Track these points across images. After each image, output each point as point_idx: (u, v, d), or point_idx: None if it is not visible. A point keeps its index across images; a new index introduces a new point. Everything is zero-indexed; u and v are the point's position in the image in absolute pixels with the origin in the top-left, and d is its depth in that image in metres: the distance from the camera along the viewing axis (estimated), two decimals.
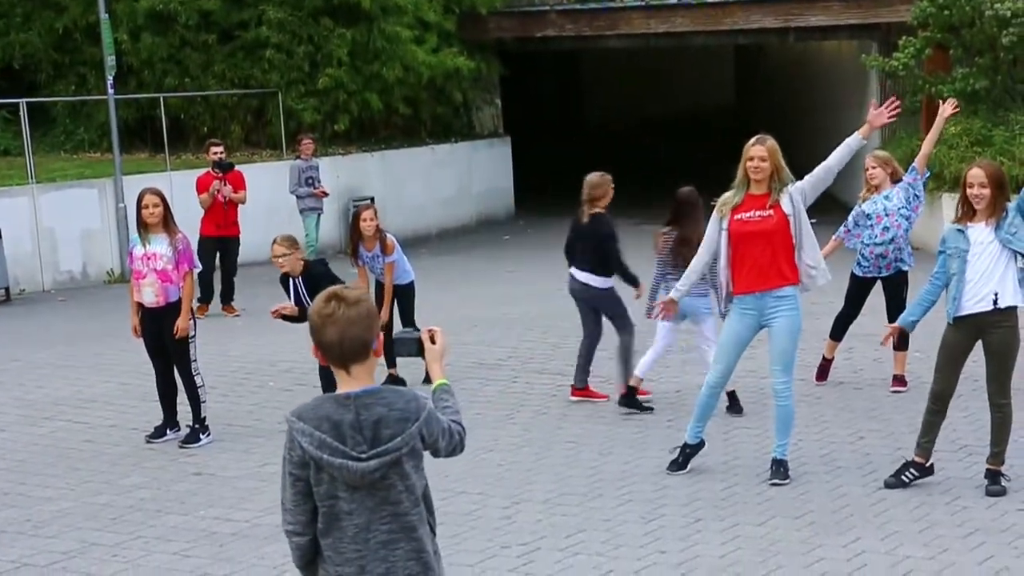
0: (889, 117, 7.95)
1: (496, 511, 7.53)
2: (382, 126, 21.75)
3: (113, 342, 13.08)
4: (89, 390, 11.08)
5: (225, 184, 14.60)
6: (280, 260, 9.31)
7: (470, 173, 22.50)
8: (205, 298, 14.36)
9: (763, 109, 33.93)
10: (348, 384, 3.84)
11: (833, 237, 10.09)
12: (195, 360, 9.27)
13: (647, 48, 25.35)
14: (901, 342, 9.63)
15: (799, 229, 7.62)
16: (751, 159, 7.61)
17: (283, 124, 19.95)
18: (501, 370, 11.19)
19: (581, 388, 10.01)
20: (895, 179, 9.77)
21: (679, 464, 8.08)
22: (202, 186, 14.67)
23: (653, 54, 30.63)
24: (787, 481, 7.78)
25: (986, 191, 7.28)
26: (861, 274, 9.92)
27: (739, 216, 7.65)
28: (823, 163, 7.81)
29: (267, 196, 18.88)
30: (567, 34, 22.37)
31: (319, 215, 17.13)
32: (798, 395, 9.07)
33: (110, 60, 17.49)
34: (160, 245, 9.11)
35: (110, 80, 17.62)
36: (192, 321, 9.22)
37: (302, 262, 9.45)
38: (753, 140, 7.70)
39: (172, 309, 9.11)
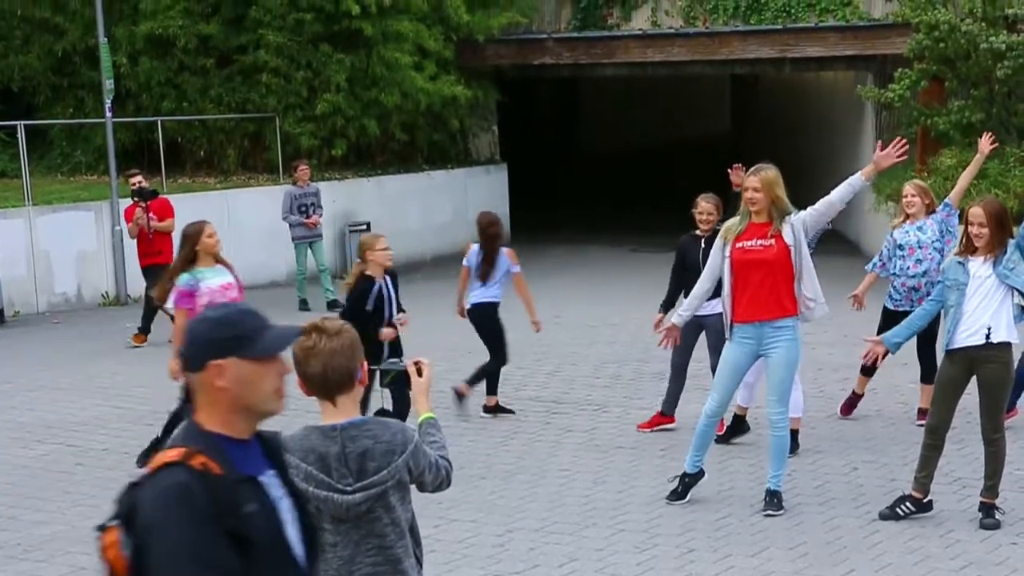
0: (897, 157, 7.95)
1: (489, 539, 7.51)
2: (379, 152, 21.79)
3: (106, 365, 13.07)
4: (82, 413, 11.05)
5: (148, 213, 14.14)
6: (390, 252, 9.01)
7: (466, 199, 22.52)
8: (144, 328, 14.06)
9: (760, 138, 34.01)
10: (334, 415, 3.83)
11: (867, 271, 10.04)
12: None
13: (644, 76, 25.41)
14: (867, 368, 9.59)
15: (799, 260, 7.63)
16: (746, 190, 7.66)
17: (280, 149, 19.97)
18: (492, 398, 11.16)
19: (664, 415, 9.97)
20: (930, 210, 9.74)
21: (678, 494, 8.06)
22: (128, 216, 14.31)
23: (650, 82, 30.70)
24: (781, 512, 7.77)
25: (985, 230, 7.35)
26: (892, 307, 9.71)
27: (741, 244, 7.67)
28: (825, 198, 7.81)
29: (264, 221, 18.91)
30: (564, 62, 22.43)
31: (311, 244, 16.73)
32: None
33: (108, 83, 17.52)
34: (225, 275, 8.92)
35: (108, 103, 17.64)
36: None
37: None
38: (751, 171, 7.73)
39: None
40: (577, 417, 10.30)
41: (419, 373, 4.18)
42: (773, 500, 7.83)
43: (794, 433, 9.12)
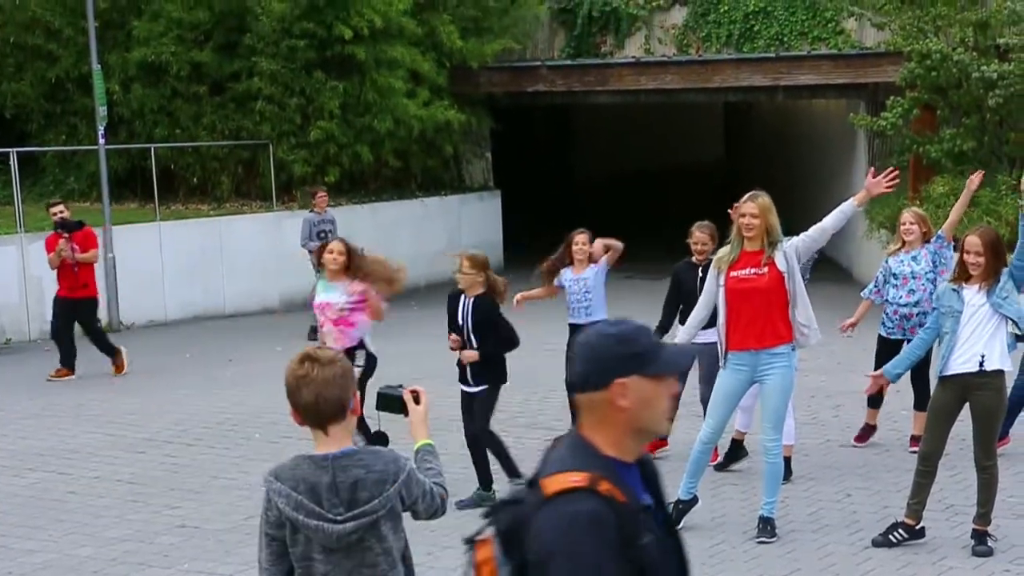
0: (887, 187, 7.98)
1: None
2: (372, 178, 21.81)
3: (97, 392, 13.04)
4: (73, 440, 11.02)
5: (72, 244, 13.71)
6: (460, 277, 8.72)
7: (460, 226, 22.53)
8: (65, 363, 13.85)
9: (753, 165, 34.11)
10: (326, 445, 3.82)
11: (863, 298, 10.06)
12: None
13: (638, 103, 25.50)
14: (874, 399, 9.66)
15: (793, 287, 7.64)
16: (743, 216, 7.66)
17: (273, 176, 19.99)
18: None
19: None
20: (926, 239, 9.78)
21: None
22: (49, 247, 13.89)
23: (644, 109, 30.80)
24: (774, 539, 7.75)
25: (981, 259, 7.38)
26: (886, 334, 9.79)
27: (735, 273, 7.68)
28: (818, 224, 7.83)
29: (256, 247, 18.93)
30: (558, 89, 22.50)
31: None
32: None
33: (101, 110, 17.54)
34: (334, 293, 8.95)
35: (101, 130, 17.66)
36: (360, 368, 8.75)
37: (483, 285, 8.77)
38: (746, 197, 7.74)
39: (348, 353, 8.57)
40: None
41: (416, 401, 4.17)
42: (767, 527, 7.81)
43: (787, 460, 9.11)
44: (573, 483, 2.80)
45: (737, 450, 9.45)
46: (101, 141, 17.74)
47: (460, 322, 8.68)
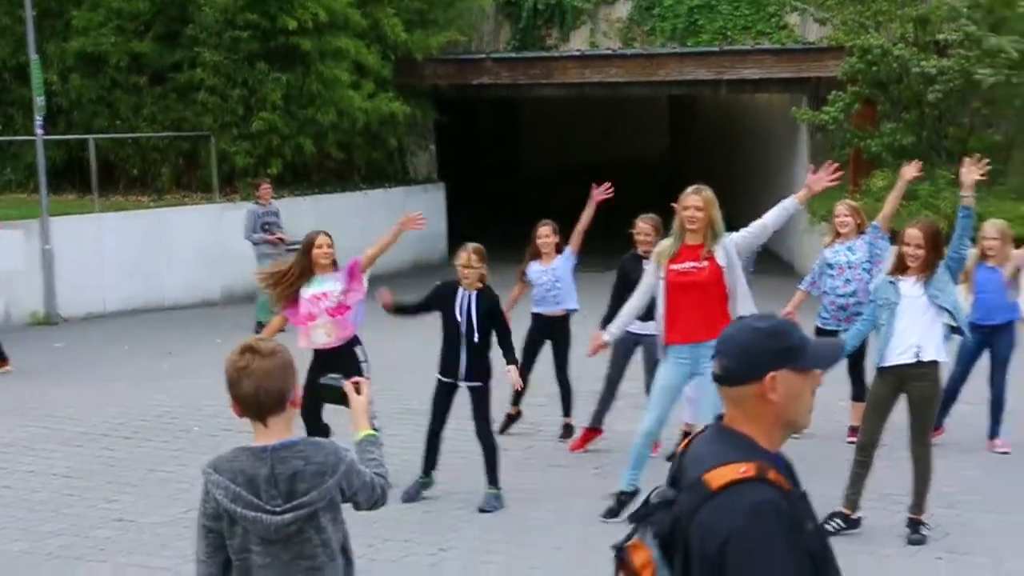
0: (829, 182, 8.03)
1: (423, 559, 7.47)
2: (315, 170, 21.68)
3: (35, 385, 12.88)
4: (8, 434, 10.86)
5: None
6: (467, 272, 8.50)
7: None
8: None
9: (697, 158, 34.27)
10: (265, 436, 3.80)
11: (799, 288, 10.13)
12: (372, 402, 8.93)
13: (583, 96, 25.54)
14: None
15: (733, 281, 7.65)
16: (687, 208, 7.66)
17: (215, 167, 19.82)
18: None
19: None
20: (861, 231, 9.86)
21: (614, 511, 8.05)
22: None
23: (589, 102, 30.87)
24: None
25: (921, 252, 7.46)
26: (822, 325, 9.86)
27: (675, 266, 7.69)
28: (758, 220, 7.86)
29: (199, 240, 18.77)
30: (503, 82, 22.48)
31: (276, 261, 16.53)
32: None
33: (39, 101, 17.30)
34: (328, 283, 8.80)
35: (39, 121, 17.42)
36: (366, 363, 8.80)
37: (480, 279, 8.66)
38: (690, 190, 7.74)
39: (347, 349, 8.74)
40: (512, 436, 10.28)
41: (357, 391, 4.15)
42: None
43: None
44: (742, 474, 2.80)
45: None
46: (39, 132, 17.50)
47: (459, 317, 8.42)
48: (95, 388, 12.69)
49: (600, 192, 9.93)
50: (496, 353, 8.55)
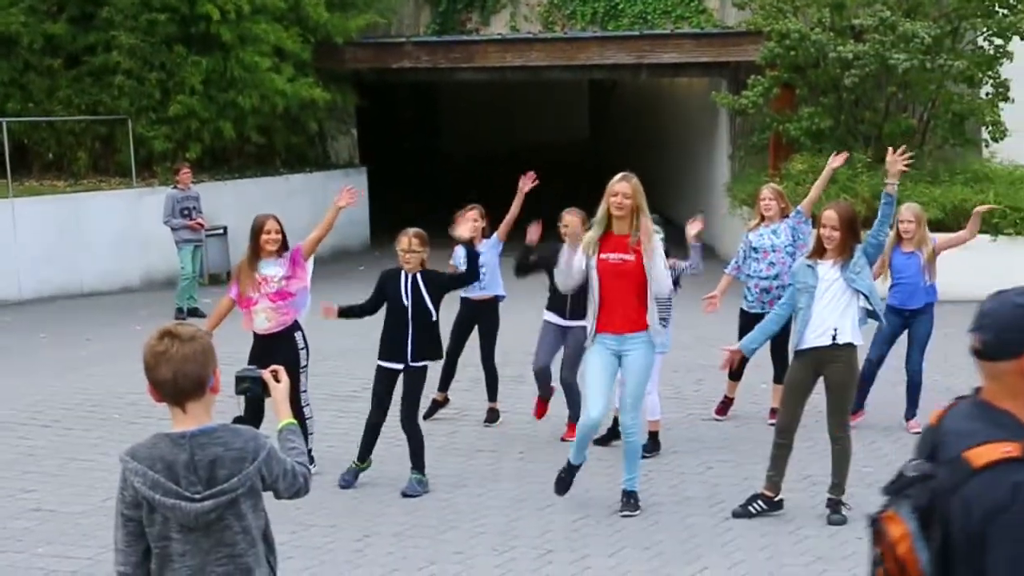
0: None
1: (347, 544, 7.45)
2: (235, 155, 21.47)
3: None
4: None
5: None
6: (408, 257, 8.46)
7: (325, 203, 22.06)
8: None
9: (617, 142, 34.44)
10: (184, 423, 3.76)
11: (725, 272, 10.21)
12: (306, 391, 8.85)
13: (504, 81, 25.53)
14: (734, 372, 9.87)
15: (651, 269, 7.65)
16: (615, 195, 7.66)
17: (133, 151, 19.54)
18: (355, 402, 11.08)
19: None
20: (784, 214, 9.96)
21: (564, 483, 8.00)
22: None
23: (511, 87, 30.87)
24: (637, 512, 7.85)
25: (837, 233, 7.56)
26: (747, 308, 9.98)
27: (604, 255, 7.70)
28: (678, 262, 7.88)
29: (115, 225, 18.51)
30: (423, 66, 22.39)
31: (195, 247, 16.40)
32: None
33: None
34: (271, 268, 8.67)
35: None
36: (304, 350, 8.75)
37: (422, 263, 8.58)
38: (619, 177, 7.73)
39: (287, 334, 8.64)
40: (437, 421, 10.28)
41: (276, 379, 4.11)
42: (630, 501, 7.90)
43: (654, 435, 9.24)
44: (1006, 454, 2.78)
45: (617, 428, 9.49)
46: None
47: (405, 301, 8.40)
48: (12, 376, 12.49)
49: (527, 182, 9.92)
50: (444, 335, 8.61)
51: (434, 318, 8.48)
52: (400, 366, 8.46)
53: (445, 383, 10.31)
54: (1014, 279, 12.97)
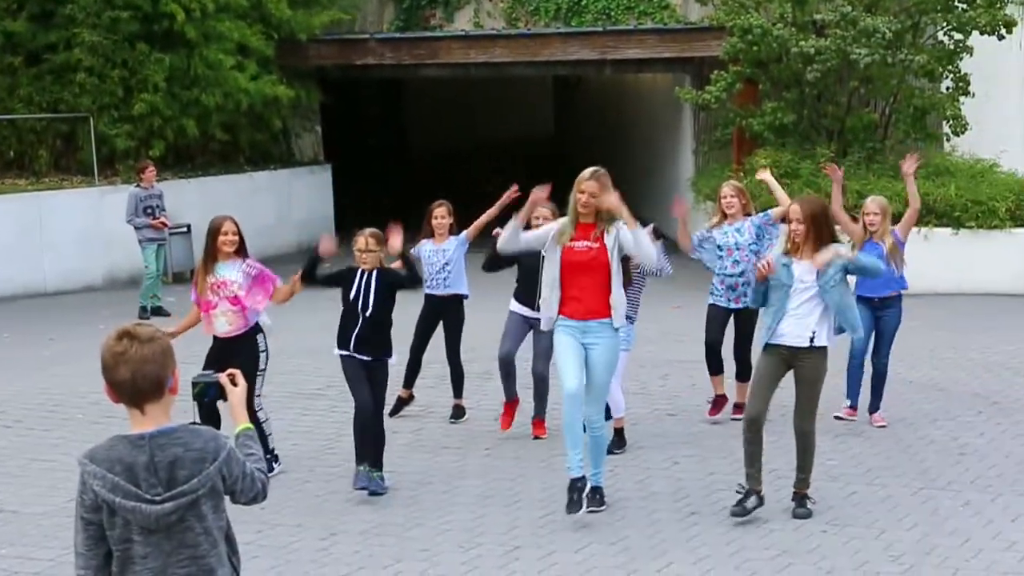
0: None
1: (313, 542, 7.43)
2: (199, 152, 21.35)
3: None
4: None
5: None
6: (365, 256, 8.42)
7: (290, 200, 22.26)
8: None
9: (581, 138, 34.46)
10: (142, 424, 3.73)
11: (691, 234, 10.09)
12: (260, 395, 8.76)
13: (468, 77, 25.50)
14: (714, 365, 9.94)
15: (616, 265, 7.66)
16: (582, 192, 7.67)
17: (95, 150, 19.40)
18: (320, 400, 11.07)
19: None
20: (746, 211, 9.98)
21: (576, 504, 7.68)
22: None
23: (475, 83, 30.84)
24: (603, 508, 7.86)
25: (802, 227, 7.57)
26: (714, 302, 10.00)
27: (570, 244, 7.71)
28: (647, 241, 7.80)
29: (78, 224, 18.39)
30: (387, 62, 22.34)
31: (159, 245, 16.28)
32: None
33: None
34: (230, 271, 8.60)
35: None
36: (264, 353, 8.70)
37: (379, 262, 8.55)
38: (587, 173, 7.71)
39: (246, 338, 8.60)
40: (402, 419, 10.27)
41: (233, 383, 4.08)
42: (595, 496, 7.91)
43: (619, 432, 9.25)
44: None
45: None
46: None
47: (359, 300, 8.36)
48: None
49: (509, 195, 9.88)
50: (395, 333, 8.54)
51: (387, 317, 8.45)
52: (359, 355, 8.40)
53: (410, 380, 10.30)
54: (976, 273, 13.35)
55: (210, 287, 8.61)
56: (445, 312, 10.16)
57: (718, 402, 10.12)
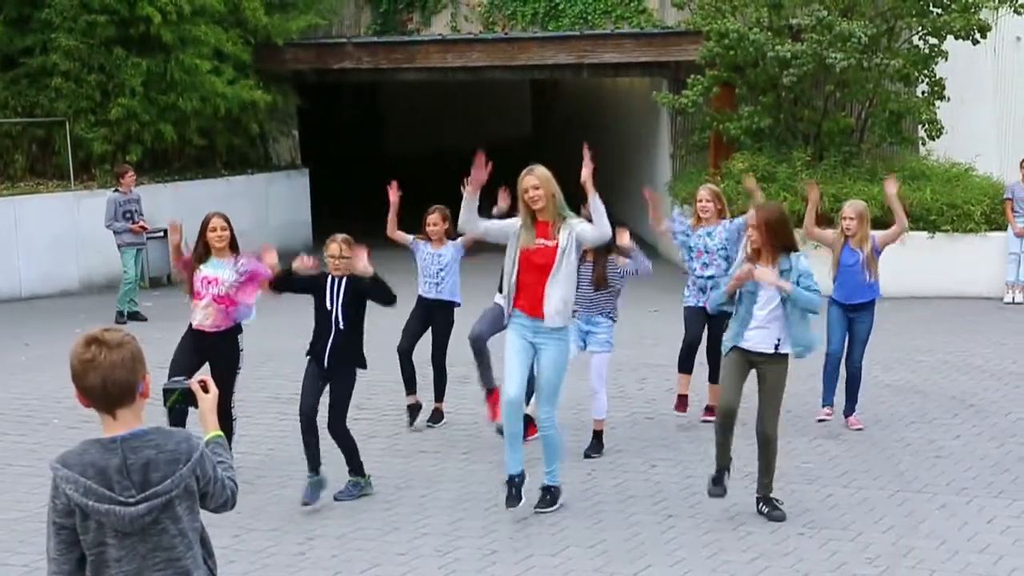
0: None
1: (290, 547, 7.42)
2: (176, 157, 21.28)
3: None
4: None
5: None
6: (337, 263, 8.31)
7: (267, 205, 22.20)
8: None
9: (559, 142, 34.45)
10: (114, 428, 3.72)
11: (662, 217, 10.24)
12: (235, 392, 8.77)
13: (445, 81, 25.49)
14: (685, 365, 9.98)
15: (562, 262, 7.65)
16: (526, 191, 7.72)
17: (71, 154, 19.32)
18: (296, 405, 10.99)
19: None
20: (721, 215, 10.02)
21: (514, 498, 7.84)
22: None
23: (453, 87, 30.83)
24: (553, 508, 7.87)
25: (756, 233, 7.61)
26: (686, 303, 10.08)
27: (528, 243, 7.73)
28: (600, 225, 7.80)
29: (54, 228, 18.31)
30: (364, 67, 22.31)
31: (138, 250, 16.21)
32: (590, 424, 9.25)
33: None
34: (222, 270, 8.62)
35: None
36: (242, 352, 8.75)
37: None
38: (524, 173, 7.81)
39: (228, 337, 8.62)
40: (380, 423, 10.26)
41: (204, 390, 4.05)
42: (545, 496, 7.91)
43: (598, 435, 9.27)
44: None
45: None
46: None
47: (330, 306, 8.29)
48: None
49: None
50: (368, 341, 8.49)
51: (359, 324, 8.41)
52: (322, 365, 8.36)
53: (411, 385, 10.16)
54: (952, 276, 13.40)
55: (199, 281, 8.66)
56: (435, 315, 10.16)
57: (682, 400, 10.17)
